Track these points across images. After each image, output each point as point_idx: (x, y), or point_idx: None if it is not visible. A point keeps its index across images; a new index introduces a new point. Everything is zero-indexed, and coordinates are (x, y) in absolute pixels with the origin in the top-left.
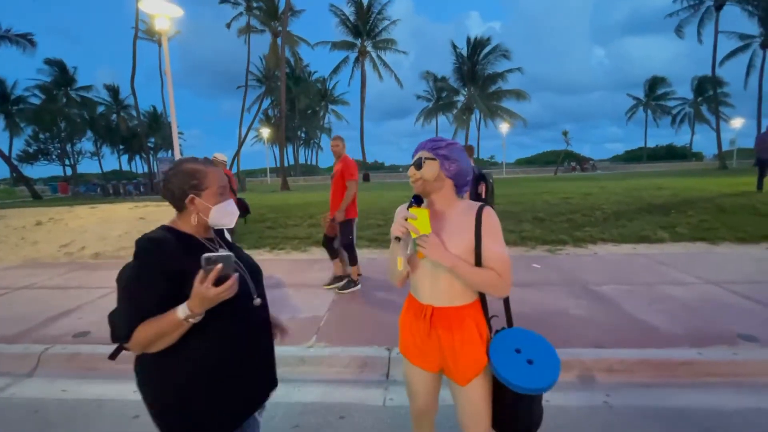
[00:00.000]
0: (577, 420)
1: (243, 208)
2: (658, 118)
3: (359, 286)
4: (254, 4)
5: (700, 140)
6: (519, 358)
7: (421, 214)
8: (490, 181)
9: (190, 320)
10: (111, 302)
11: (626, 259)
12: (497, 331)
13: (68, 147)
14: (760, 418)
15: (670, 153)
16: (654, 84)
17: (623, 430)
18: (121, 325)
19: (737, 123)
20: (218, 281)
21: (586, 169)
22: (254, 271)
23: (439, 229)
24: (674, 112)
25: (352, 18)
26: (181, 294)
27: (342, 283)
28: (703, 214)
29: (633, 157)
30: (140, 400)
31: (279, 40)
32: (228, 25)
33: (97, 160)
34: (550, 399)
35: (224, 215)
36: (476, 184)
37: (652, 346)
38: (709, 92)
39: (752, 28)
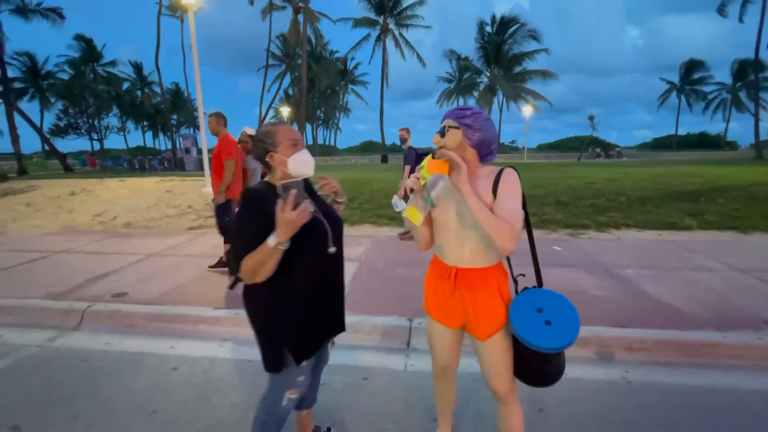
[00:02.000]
0: (595, 392)
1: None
2: (693, 103)
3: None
4: None
5: (735, 128)
6: (538, 318)
7: (434, 162)
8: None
9: (279, 247)
10: (145, 267)
11: (651, 245)
12: (524, 290)
13: (96, 122)
14: None
15: (702, 141)
16: (691, 67)
17: (641, 404)
18: (233, 260)
19: None
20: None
21: (612, 156)
22: (334, 222)
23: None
24: (710, 97)
25: None
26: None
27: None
28: (735, 202)
29: (662, 144)
30: (178, 354)
31: (300, 17)
32: (251, 2)
33: (123, 135)
34: (567, 372)
35: (300, 164)
36: (419, 162)
37: (674, 328)
38: (750, 77)
39: None
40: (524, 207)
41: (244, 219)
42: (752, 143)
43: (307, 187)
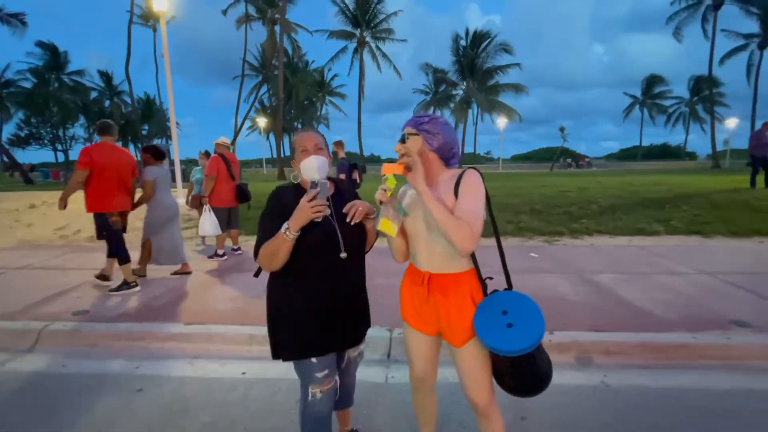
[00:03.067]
0: (576, 397)
1: (243, 193)
2: (655, 116)
3: (138, 288)
4: None
5: (694, 140)
6: (501, 321)
7: (389, 164)
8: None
9: (288, 234)
10: (107, 283)
11: (622, 251)
12: (492, 292)
13: (60, 132)
14: (751, 398)
15: (664, 152)
16: (651, 82)
17: (621, 408)
18: (255, 249)
19: (731, 123)
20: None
21: (582, 166)
22: (353, 231)
23: None
24: (670, 111)
25: (351, 7)
26: (304, 227)
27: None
28: (697, 209)
29: (628, 155)
30: (144, 374)
31: (277, 28)
32: (224, 12)
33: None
34: None
35: (305, 168)
36: (351, 171)
37: (648, 331)
38: (705, 92)
39: (751, 26)
40: (489, 208)
41: (265, 213)
42: (709, 154)
43: (344, 194)
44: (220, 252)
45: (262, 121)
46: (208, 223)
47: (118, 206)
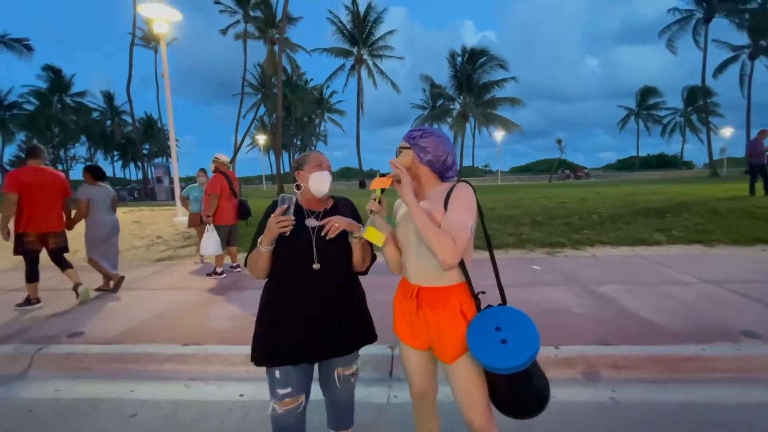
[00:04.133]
0: (585, 415)
1: (244, 210)
2: (650, 127)
3: (40, 305)
4: (251, 13)
5: (690, 149)
6: (494, 337)
7: (377, 179)
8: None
9: (261, 248)
10: (106, 303)
11: (625, 261)
12: (486, 308)
13: (62, 153)
14: (764, 412)
15: (661, 162)
16: (645, 94)
17: (631, 424)
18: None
19: (727, 132)
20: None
21: (580, 177)
22: (332, 245)
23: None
24: (665, 121)
25: (348, 26)
26: (281, 239)
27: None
28: (698, 217)
29: (625, 165)
30: (138, 398)
31: (276, 48)
32: (224, 32)
33: None
34: (556, 395)
35: (319, 180)
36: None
37: (656, 343)
38: (699, 102)
39: (742, 38)
40: (482, 221)
41: (260, 224)
42: (707, 162)
43: (340, 211)
44: (218, 270)
45: (261, 139)
46: (212, 242)
47: (48, 227)
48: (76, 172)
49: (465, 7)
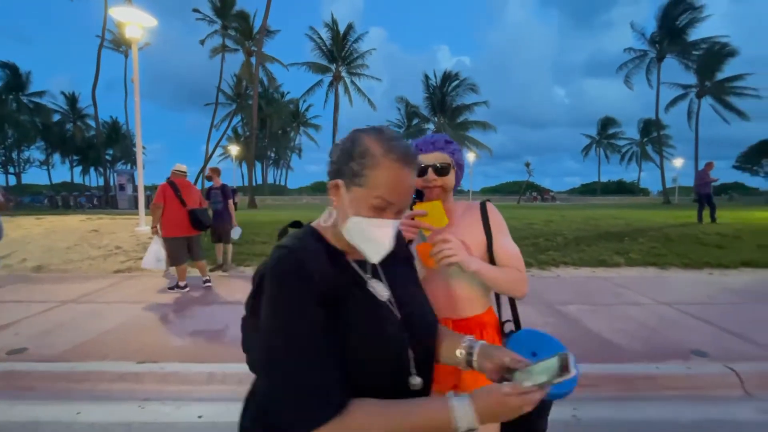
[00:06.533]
0: None
1: (196, 220)
2: (610, 155)
3: None
4: (230, 24)
5: (646, 177)
6: None
7: (432, 207)
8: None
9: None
10: (54, 317)
11: (587, 281)
12: (509, 334)
13: (14, 154)
14: (715, 428)
15: (620, 188)
16: (606, 124)
17: None
18: (289, 410)
19: (678, 163)
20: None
21: (547, 199)
22: (422, 328)
23: (447, 233)
24: (623, 150)
25: (328, 43)
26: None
27: None
28: (653, 241)
29: (588, 190)
30: (85, 421)
31: (253, 59)
32: (202, 42)
33: (47, 169)
34: None
35: (380, 239)
36: (234, 195)
37: (614, 361)
38: (653, 134)
39: (690, 78)
40: None
41: (290, 315)
42: (660, 190)
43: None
44: (181, 284)
45: (234, 149)
46: (151, 254)
47: None
48: (30, 176)
49: (442, 31)
